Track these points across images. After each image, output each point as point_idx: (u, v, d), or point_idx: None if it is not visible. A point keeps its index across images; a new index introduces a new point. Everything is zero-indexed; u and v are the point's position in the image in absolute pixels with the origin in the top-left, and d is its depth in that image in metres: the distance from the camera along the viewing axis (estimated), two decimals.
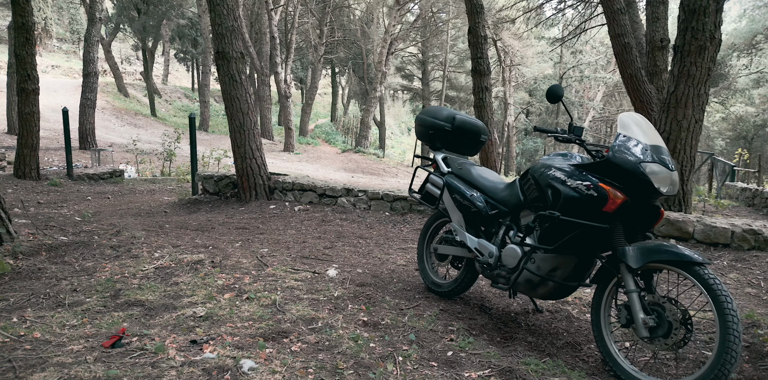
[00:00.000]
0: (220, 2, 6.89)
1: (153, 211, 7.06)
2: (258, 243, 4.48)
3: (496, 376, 2.17)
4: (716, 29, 5.21)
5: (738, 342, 1.95)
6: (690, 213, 5.59)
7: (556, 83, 2.56)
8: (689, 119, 5.36)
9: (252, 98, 7.19)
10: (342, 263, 3.90)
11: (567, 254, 2.46)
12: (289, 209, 6.58)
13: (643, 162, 2.23)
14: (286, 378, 1.89)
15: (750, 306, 3.45)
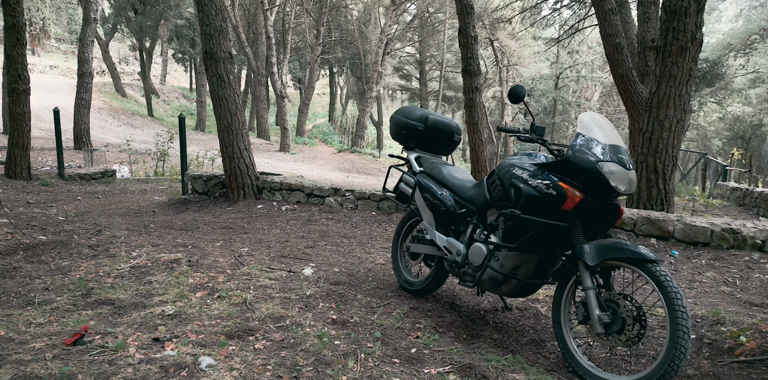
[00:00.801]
0: (209, 2, 6.92)
1: (141, 211, 7.08)
2: (240, 243, 4.51)
3: (456, 372, 2.20)
4: (697, 30, 5.24)
5: (687, 338, 1.98)
6: (672, 212, 5.62)
7: (518, 84, 2.59)
8: (671, 119, 5.39)
9: (240, 98, 7.22)
10: (320, 262, 3.92)
11: (529, 252, 2.49)
12: (277, 209, 6.61)
13: (601, 161, 2.26)
14: (243, 375, 1.92)
15: (722, 304, 3.48)
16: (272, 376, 1.94)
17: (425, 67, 36.56)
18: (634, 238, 5.18)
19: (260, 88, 24.19)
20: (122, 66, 43.05)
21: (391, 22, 23.03)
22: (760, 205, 9.74)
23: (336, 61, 35.87)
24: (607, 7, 10.15)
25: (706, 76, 28.33)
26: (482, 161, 9.47)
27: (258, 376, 1.92)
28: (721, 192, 12.18)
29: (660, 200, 5.54)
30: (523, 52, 31.08)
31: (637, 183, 5.72)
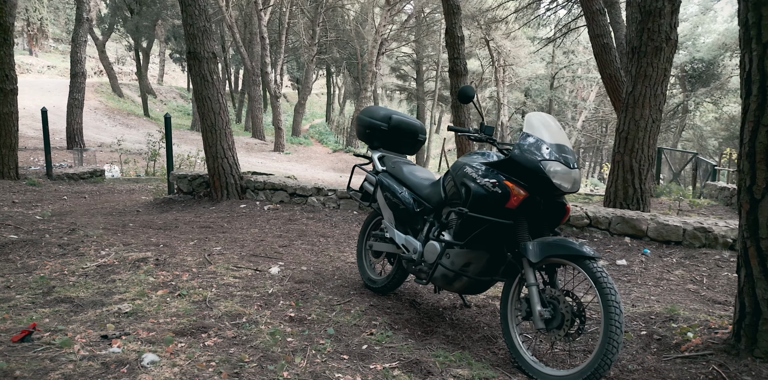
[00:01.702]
0: (192, 3, 6.95)
1: (126, 210, 7.11)
2: (214, 242, 4.54)
3: (401, 368, 2.23)
4: (672, 30, 5.27)
5: (619, 333, 2.02)
6: (648, 211, 5.66)
7: (467, 85, 2.63)
8: (646, 119, 5.42)
9: (224, 98, 7.25)
10: (290, 261, 3.96)
11: (479, 250, 2.53)
12: (259, 209, 6.64)
13: (545, 161, 2.30)
14: (183, 371, 1.95)
15: (685, 302, 3.52)
16: (213, 372, 1.97)
17: (422, 67, 36.58)
18: (609, 237, 5.21)
19: (255, 89, 24.22)
20: (120, 66, 43.06)
21: (386, 22, 23.06)
22: None
23: (333, 61, 35.88)
24: (595, 7, 10.19)
25: (702, 76, 28.39)
26: None
27: (199, 372, 1.95)
28: (709, 192, 12.20)
29: (636, 200, 5.57)
30: (519, 53, 31.13)
31: (613, 183, 5.76)
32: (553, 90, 32.65)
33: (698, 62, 28.05)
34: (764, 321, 2.22)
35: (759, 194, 2.23)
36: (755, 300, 2.25)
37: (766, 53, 2.19)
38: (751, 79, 2.26)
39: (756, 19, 2.21)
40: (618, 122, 5.73)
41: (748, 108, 2.28)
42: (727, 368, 2.22)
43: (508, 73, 32.48)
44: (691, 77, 28.75)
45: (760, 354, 2.22)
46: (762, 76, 2.21)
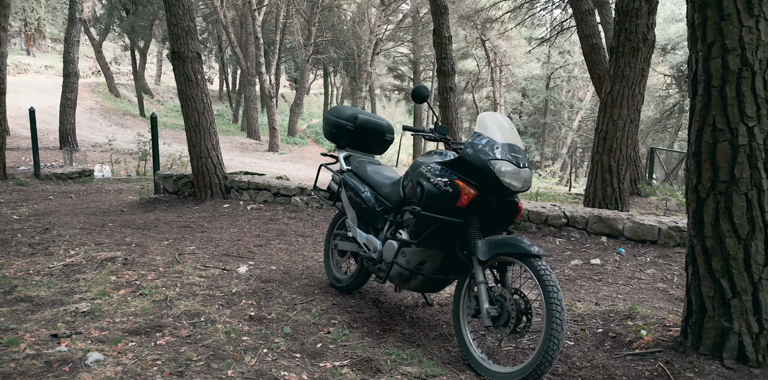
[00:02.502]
0: (176, 2, 6.96)
1: (110, 210, 7.12)
2: (189, 241, 4.56)
3: (351, 366, 2.25)
4: (649, 31, 5.29)
5: (560, 330, 2.04)
6: (627, 211, 5.67)
7: (421, 85, 2.65)
8: (624, 119, 5.44)
9: (208, 98, 7.27)
10: (261, 260, 3.97)
11: (433, 248, 2.54)
12: (242, 208, 6.65)
13: (493, 160, 2.31)
14: (126, 370, 1.96)
15: (651, 300, 3.54)
16: (157, 371, 1.99)
17: (419, 67, 36.60)
18: (586, 236, 5.23)
19: (251, 89, 24.24)
20: (118, 67, 43.06)
21: (381, 23, 23.08)
22: None
23: (330, 61, 35.89)
24: (584, 7, 10.22)
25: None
26: None
27: (142, 371, 1.97)
28: None
29: (615, 199, 5.59)
30: (515, 53, 31.17)
31: (592, 182, 5.78)
32: (549, 90, 32.68)
33: None
34: (709, 318, 2.24)
35: (704, 193, 2.25)
36: (701, 298, 2.27)
37: (710, 54, 2.21)
38: (697, 79, 2.28)
39: (701, 20, 2.23)
40: (597, 122, 5.75)
41: (695, 108, 2.30)
42: (672, 365, 2.24)
43: (504, 74, 32.52)
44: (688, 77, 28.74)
45: (704, 351, 2.24)
46: (707, 76, 2.23)
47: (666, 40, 29.55)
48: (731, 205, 2.17)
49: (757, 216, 2.14)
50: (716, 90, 2.19)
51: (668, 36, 29.63)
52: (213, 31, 33.63)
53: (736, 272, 2.16)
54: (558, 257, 4.73)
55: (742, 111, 2.14)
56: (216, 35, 33.12)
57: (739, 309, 2.16)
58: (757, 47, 2.12)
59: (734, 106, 2.15)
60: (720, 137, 2.19)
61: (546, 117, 33.71)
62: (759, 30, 2.12)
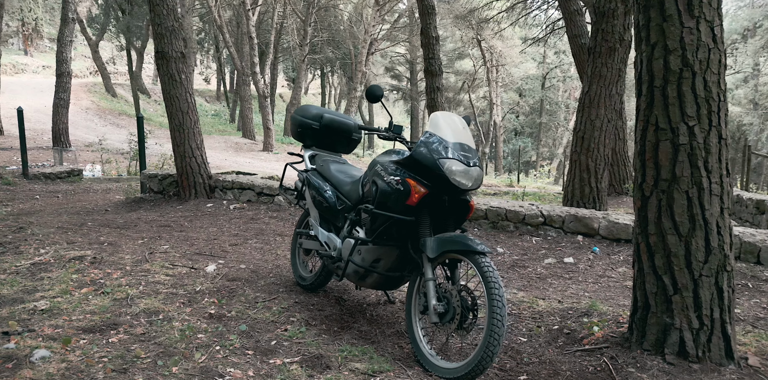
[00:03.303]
0: (160, 2, 6.98)
1: (94, 209, 7.15)
2: (165, 240, 4.59)
3: (301, 362, 2.28)
4: (625, 31, 5.33)
5: (501, 326, 2.07)
6: (605, 210, 5.71)
7: (375, 84, 2.68)
8: (602, 119, 5.48)
9: (192, 98, 7.29)
10: (233, 259, 4.00)
11: (387, 246, 2.58)
12: (225, 208, 6.68)
13: (443, 159, 2.34)
14: (70, 367, 1.99)
15: (617, 298, 3.57)
16: (101, 368, 2.02)
17: (416, 67, 36.61)
18: (563, 235, 5.26)
19: (245, 88, 24.26)
20: (116, 66, 43.06)
21: (375, 22, 23.10)
22: None
23: (327, 61, 35.89)
24: (572, 8, 10.24)
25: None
26: None
27: (86, 368, 2.00)
28: None
29: (592, 198, 5.63)
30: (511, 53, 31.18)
31: (571, 182, 5.81)
32: (545, 90, 32.71)
33: None
34: (652, 314, 2.27)
35: (648, 192, 2.28)
36: (645, 295, 2.31)
37: (653, 54, 2.24)
38: (642, 79, 2.31)
39: (645, 21, 2.26)
40: (575, 122, 5.78)
41: (640, 108, 2.33)
42: (616, 360, 2.27)
43: (501, 74, 32.54)
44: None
45: (648, 347, 2.27)
46: (650, 76, 2.26)
47: None
48: (673, 203, 2.20)
49: (698, 214, 2.17)
50: (659, 90, 2.23)
51: None
52: (210, 31, 33.66)
53: (678, 268, 2.19)
54: (533, 256, 4.77)
55: (683, 111, 2.18)
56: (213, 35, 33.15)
57: (680, 305, 2.19)
58: (698, 48, 2.15)
59: (675, 106, 2.19)
60: (662, 136, 2.22)
61: (542, 117, 33.73)
62: (699, 31, 2.15)
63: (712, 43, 2.16)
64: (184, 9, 26.95)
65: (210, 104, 44.43)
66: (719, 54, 2.17)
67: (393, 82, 43.23)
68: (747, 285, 3.93)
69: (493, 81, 31.86)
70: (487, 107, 35.38)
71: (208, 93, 46.51)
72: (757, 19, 24.56)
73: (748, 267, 4.33)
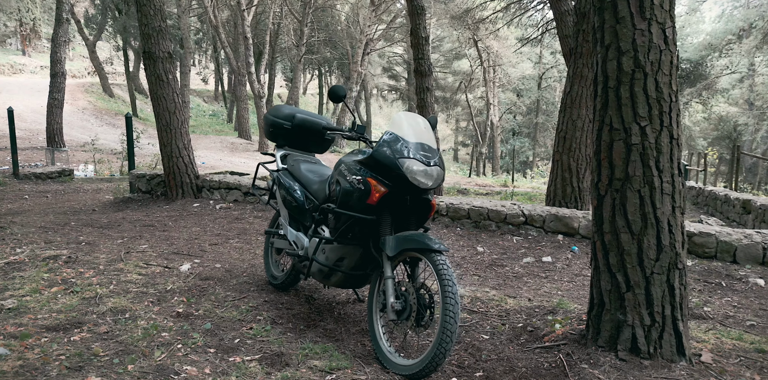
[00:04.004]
0: (147, 3, 7.01)
1: (82, 209, 7.17)
2: (145, 240, 4.61)
3: (260, 360, 2.31)
4: None
5: (453, 323, 2.10)
6: (586, 209, 5.73)
7: (337, 84, 2.70)
8: (583, 119, 5.50)
9: (180, 98, 7.32)
10: (210, 258, 4.03)
11: (351, 245, 2.60)
12: (211, 208, 6.70)
13: (402, 158, 2.37)
14: (25, 364, 2.02)
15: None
16: (57, 366, 2.04)
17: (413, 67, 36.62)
18: (543, 234, 5.29)
19: (241, 88, 24.29)
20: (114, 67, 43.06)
21: (371, 23, 23.13)
22: (709, 203, 9.88)
23: (324, 61, 35.92)
24: (563, 8, 10.25)
25: (690, 76, 28.53)
26: None
27: (41, 366, 2.03)
28: None
29: (574, 198, 5.65)
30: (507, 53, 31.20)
31: (553, 182, 5.83)
32: (541, 90, 32.74)
33: (685, 62, 28.19)
34: (606, 311, 2.30)
35: (603, 191, 2.31)
36: (600, 292, 2.33)
37: (607, 56, 2.27)
38: (597, 80, 2.33)
39: (600, 23, 2.29)
40: (557, 122, 5.81)
41: (596, 108, 2.35)
42: (571, 357, 2.30)
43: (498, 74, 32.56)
44: (680, 77, 28.92)
45: (602, 344, 2.30)
46: (605, 78, 2.29)
47: None
48: (626, 202, 2.23)
49: (649, 213, 2.20)
50: (613, 91, 2.25)
51: None
52: (208, 31, 33.68)
53: (630, 266, 2.22)
54: (512, 255, 4.79)
55: (636, 111, 2.20)
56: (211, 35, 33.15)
57: (632, 302, 2.22)
58: (649, 50, 2.18)
59: (628, 106, 2.21)
60: (616, 136, 2.25)
61: (538, 117, 33.77)
62: (651, 33, 2.18)
63: (664, 45, 2.19)
64: (180, 9, 26.99)
65: (208, 104, 44.45)
66: (671, 55, 2.20)
67: (391, 82, 43.26)
68: (721, 284, 3.97)
69: (490, 81, 31.88)
70: (485, 107, 35.41)
71: (206, 93, 46.56)
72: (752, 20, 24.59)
73: (723, 266, 4.36)
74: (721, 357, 2.35)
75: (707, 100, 30.16)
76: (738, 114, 30.96)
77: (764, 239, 4.39)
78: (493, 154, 35.16)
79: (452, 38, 33.65)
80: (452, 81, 39.24)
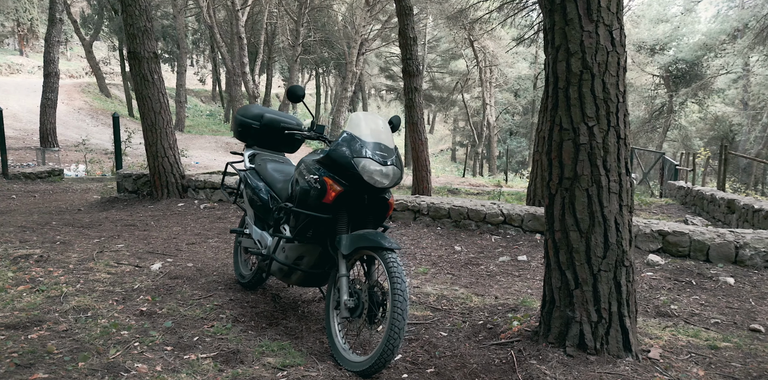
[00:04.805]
0: (132, 3, 7.03)
1: (68, 209, 7.19)
2: (122, 239, 4.64)
3: (215, 357, 2.33)
4: None
5: (401, 319, 2.13)
6: None
7: (295, 84, 2.73)
8: None
9: (165, 98, 7.34)
10: (184, 257, 4.05)
11: (310, 244, 2.63)
12: (196, 207, 6.73)
13: (357, 158, 2.40)
14: None
15: None
16: (8, 363, 2.07)
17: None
18: (522, 233, 5.32)
19: (236, 88, 24.30)
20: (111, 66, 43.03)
21: (365, 23, 23.16)
22: (696, 203, 9.92)
23: (321, 61, 35.92)
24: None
25: (685, 77, 28.58)
26: (422, 160, 9.59)
27: None
28: (669, 191, 12.36)
29: None
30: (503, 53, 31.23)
31: (533, 181, 5.86)
32: (537, 90, 32.78)
33: (681, 62, 28.25)
34: (556, 308, 2.33)
35: (554, 189, 2.34)
36: (551, 289, 2.36)
37: (557, 57, 2.30)
38: (548, 81, 2.36)
39: (550, 25, 2.32)
40: (538, 123, 5.83)
41: (548, 108, 2.38)
42: (522, 353, 2.33)
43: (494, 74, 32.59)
44: (676, 78, 28.97)
45: (552, 340, 2.33)
46: (555, 78, 2.31)
47: (654, 41, 29.70)
48: (574, 200, 2.26)
49: (597, 211, 2.23)
50: (562, 92, 2.28)
51: (656, 36, 29.78)
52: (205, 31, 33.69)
53: (579, 264, 2.25)
54: (489, 254, 4.82)
55: (584, 112, 2.23)
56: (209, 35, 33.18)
57: (580, 299, 2.25)
58: (596, 51, 2.21)
59: (577, 107, 2.24)
60: (565, 136, 2.28)
61: (534, 117, 33.80)
62: (598, 34, 2.21)
63: (611, 47, 2.22)
64: (176, 9, 27.02)
65: (205, 105, 44.45)
66: (618, 57, 2.23)
67: (388, 82, 43.28)
68: (691, 282, 3.99)
69: (486, 81, 31.92)
70: (481, 107, 35.45)
71: (204, 93, 46.59)
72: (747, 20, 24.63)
73: (696, 265, 4.39)
74: (672, 354, 2.38)
75: (703, 100, 30.22)
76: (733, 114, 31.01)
77: (737, 239, 4.42)
78: (490, 154, 35.18)
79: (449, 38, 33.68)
80: (449, 81, 39.27)
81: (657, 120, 31.68)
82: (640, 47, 29.58)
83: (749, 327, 3.10)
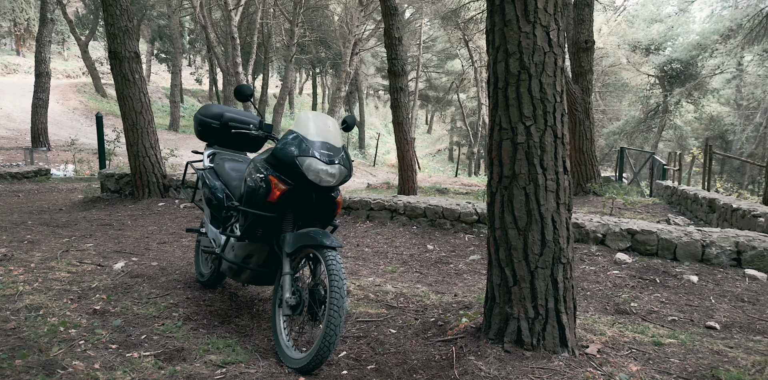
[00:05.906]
0: (113, 3, 7.04)
1: (49, 209, 7.20)
2: (93, 239, 4.65)
3: (158, 356, 2.35)
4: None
5: (338, 317, 2.15)
6: None
7: (244, 84, 2.75)
8: None
9: (147, 97, 7.35)
10: (150, 257, 4.07)
11: (258, 242, 2.65)
12: (176, 207, 6.74)
13: (301, 156, 2.41)
14: None
15: None
16: None
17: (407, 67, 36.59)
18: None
19: (230, 88, 24.31)
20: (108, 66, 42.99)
21: (359, 23, 23.17)
22: (681, 202, 9.94)
23: (318, 61, 35.94)
24: None
25: (680, 77, 28.62)
26: (407, 159, 9.61)
27: None
28: (657, 190, 12.38)
29: None
30: None
31: None
32: None
33: (676, 62, 28.28)
34: (496, 305, 2.35)
35: (494, 188, 2.36)
36: (492, 286, 2.38)
37: (497, 57, 2.31)
38: (490, 81, 2.38)
39: (491, 26, 2.34)
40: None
41: (490, 108, 2.40)
42: (463, 349, 2.34)
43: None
44: (671, 77, 29.00)
45: (492, 336, 2.34)
46: (495, 79, 2.33)
47: (649, 41, 29.74)
48: (513, 198, 2.28)
49: (534, 209, 2.24)
50: (501, 92, 2.30)
51: (651, 36, 29.82)
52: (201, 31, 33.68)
53: (517, 261, 2.27)
54: (460, 253, 4.84)
55: (521, 111, 2.25)
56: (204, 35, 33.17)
57: (518, 295, 2.27)
58: (533, 52, 2.23)
59: (515, 106, 2.26)
60: (504, 135, 2.30)
61: None
62: (535, 35, 2.23)
63: (548, 47, 2.24)
64: (170, 9, 27.02)
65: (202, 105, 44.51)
66: (555, 57, 2.25)
67: (384, 82, 43.29)
68: (655, 280, 4.02)
69: (482, 81, 31.93)
70: (477, 106, 35.47)
71: (201, 93, 46.55)
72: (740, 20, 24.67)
73: (663, 263, 4.41)
74: (612, 349, 2.40)
75: (698, 100, 30.25)
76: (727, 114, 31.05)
77: (704, 237, 4.44)
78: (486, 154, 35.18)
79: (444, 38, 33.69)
80: (445, 81, 39.29)
81: (652, 120, 31.72)
82: (635, 47, 29.61)
83: (705, 325, 3.12)
